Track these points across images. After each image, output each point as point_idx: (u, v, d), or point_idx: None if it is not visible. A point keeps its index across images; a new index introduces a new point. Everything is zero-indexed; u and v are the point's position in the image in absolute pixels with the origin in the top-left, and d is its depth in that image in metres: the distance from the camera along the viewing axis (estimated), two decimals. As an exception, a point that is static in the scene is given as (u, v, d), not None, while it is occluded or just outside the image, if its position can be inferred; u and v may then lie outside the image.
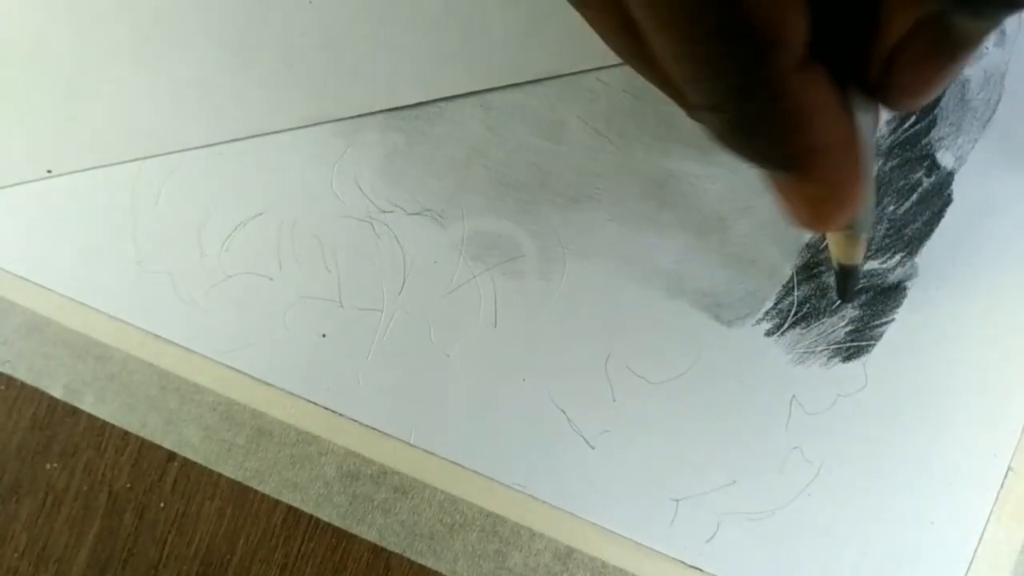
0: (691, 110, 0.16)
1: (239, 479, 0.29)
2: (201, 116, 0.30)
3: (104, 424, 0.30)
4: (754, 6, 0.13)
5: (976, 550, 0.27)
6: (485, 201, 0.29)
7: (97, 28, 0.30)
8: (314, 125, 0.30)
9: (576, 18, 0.16)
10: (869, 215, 0.23)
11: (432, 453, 0.29)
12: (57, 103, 0.31)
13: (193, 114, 0.30)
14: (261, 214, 0.30)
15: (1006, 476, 0.27)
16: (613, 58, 0.20)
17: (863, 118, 0.16)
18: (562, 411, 0.28)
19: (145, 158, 0.30)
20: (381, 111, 0.30)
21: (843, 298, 0.28)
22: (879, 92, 0.16)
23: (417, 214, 0.30)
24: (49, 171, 0.30)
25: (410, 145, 0.30)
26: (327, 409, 0.29)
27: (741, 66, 0.13)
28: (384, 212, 0.30)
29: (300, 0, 0.30)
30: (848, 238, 0.24)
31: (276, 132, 0.30)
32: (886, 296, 0.28)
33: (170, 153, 0.30)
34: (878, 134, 0.29)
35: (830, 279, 0.28)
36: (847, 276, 0.27)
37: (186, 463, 0.29)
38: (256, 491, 0.29)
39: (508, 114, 0.29)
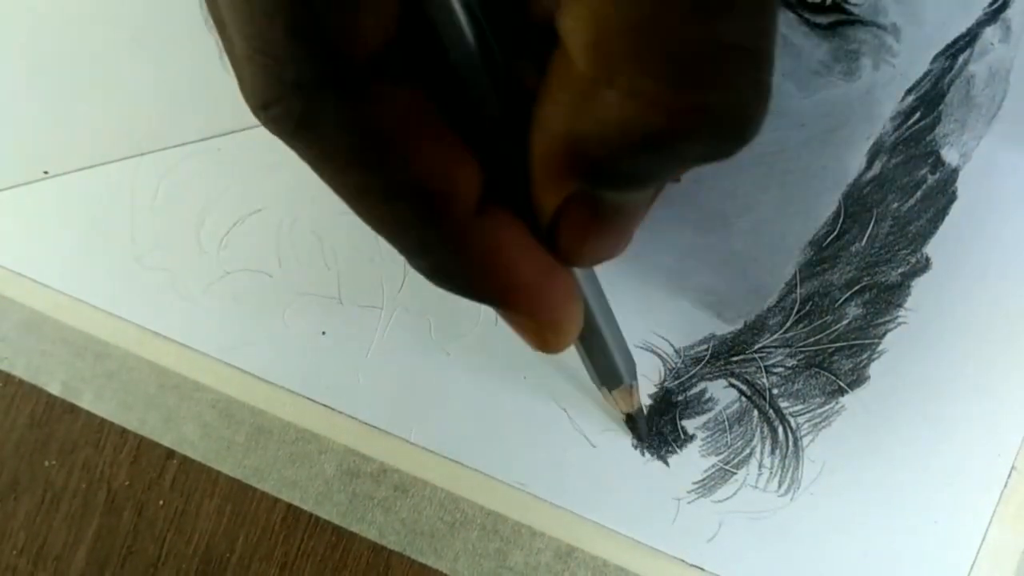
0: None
1: (238, 477, 0.29)
2: (197, 111, 0.30)
3: (103, 421, 0.29)
4: (415, 169, 0.14)
5: (979, 550, 0.27)
6: (486, 198, 0.29)
7: (90, 27, 0.30)
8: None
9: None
10: (629, 363, 0.25)
11: (432, 451, 0.29)
12: (51, 104, 0.30)
13: (189, 109, 0.30)
14: (260, 211, 0.30)
15: (1009, 476, 0.27)
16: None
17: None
18: (563, 409, 0.28)
19: (141, 155, 0.30)
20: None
21: (640, 440, 0.28)
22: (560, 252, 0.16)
23: (417, 211, 0.29)
24: (46, 172, 0.30)
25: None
26: (327, 407, 0.29)
27: (415, 222, 0.15)
28: (384, 209, 0.29)
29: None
30: (623, 392, 0.25)
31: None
32: (890, 294, 0.28)
33: (166, 148, 0.30)
34: (882, 131, 0.28)
35: (833, 277, 0.28)
36: (634, 421, 0.27)
37: (185, 461, 0.29)
38: (255, 489, 0.29)
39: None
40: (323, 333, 0.29)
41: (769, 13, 0.12)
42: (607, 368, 0.24)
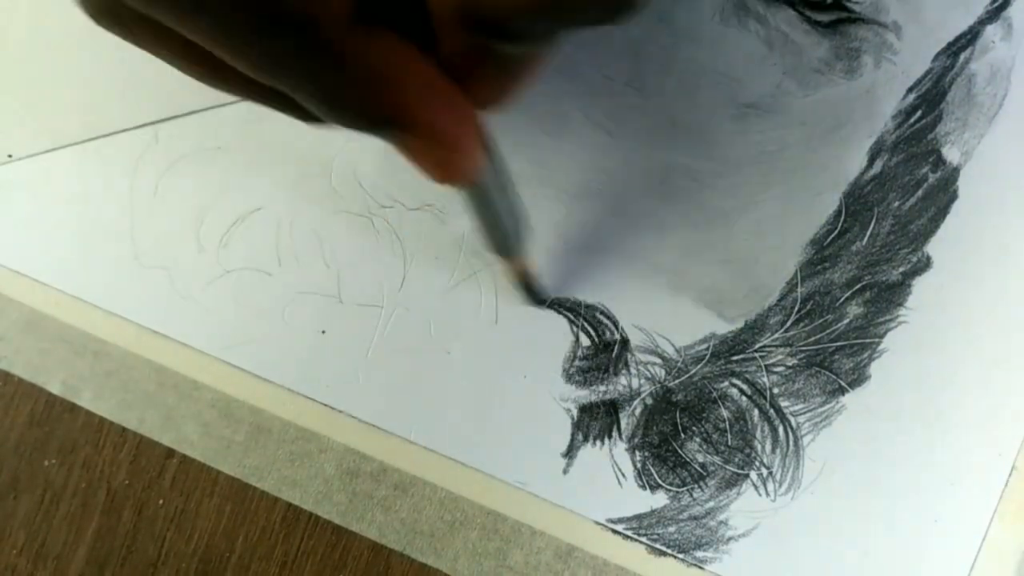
0: (293, 110, 0.16)
1: (238, 476, 0.29)
2: (163, 90, 0.30)
3: (102, 420, 0.29)
4: None
5: (979, 549, 0.27)
6: (486, 196, 0.29)
7: (53, 11, 0.30)
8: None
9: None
10: (524, 230, 0.24)
11: (432, 450, 0.28)
12: (14, 89, 0.30)
13: (157, 89, 0.30)
14: (259, 209, 0.30)
15: (1010, 475, 0.27)
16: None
17: None
18: (566, 410, 0.28)
19: (105, 136, 0.30)
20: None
21: (540, 301, 0.28)
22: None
23: (417, 209, 0.29)
24: (10, 156, 0.30)
25: (410, 140, 0.29)
26: (326, 406, 0.29)
27: (291, 47, 0.14)
28: (384, 207, 0.29)
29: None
30: (519, 257, 0.25)
31: (272, 123, 0.30)
32: (891, 293, 0.28)
33: (143, 127, 0.30)
34: (883, 129, 0.28)
35: (834, 276, 0.28)
36: (527, 285, 0.27)
37: (185, 460, 0.29)
38: (255, 488, 0.29)
39: (509, 108, 0.29)
40: (323, 332, 0.29)
41: None
42: (502, 233, 0.23)
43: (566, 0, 0.13)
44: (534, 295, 0.28)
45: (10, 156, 0.29)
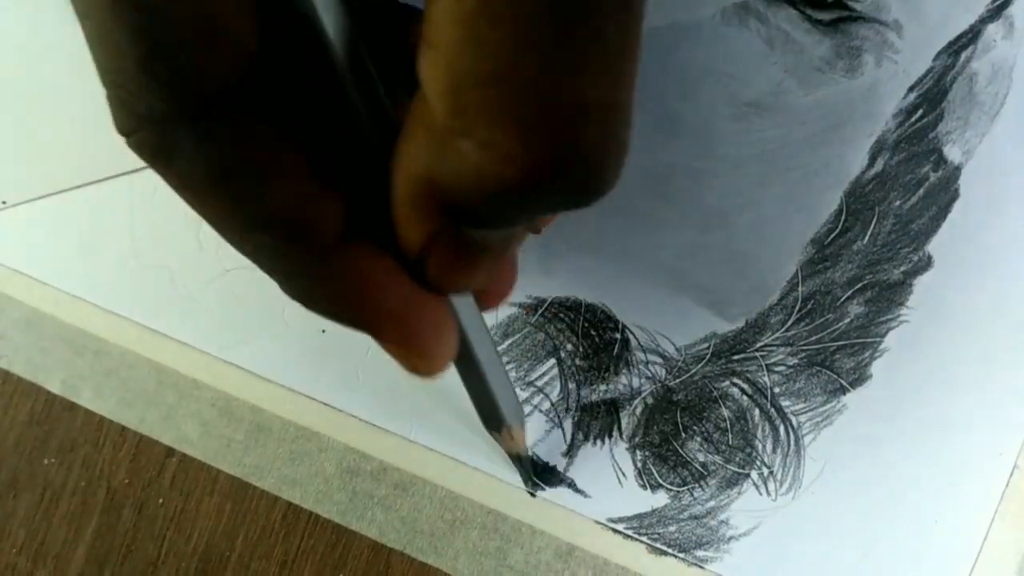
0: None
1: (238, 475, 0.29)
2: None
3: (102, 419, 0.29)
4: (272, 202, 0.14)
5: (980, 549, 0.27)
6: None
7: (44, 56, 0.30)
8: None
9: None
10: (513, 407, 0.24)
11: (432, 449, 0.28)
12: (8, 135, 0.30)
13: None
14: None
15: (1011, 475, 0.27)
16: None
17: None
18: (565, 408, 0.28)
19: (104, 179, 0.30)
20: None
21: (525, 483, 0.28)
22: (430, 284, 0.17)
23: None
24: (4, 202, 0.30)
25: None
26: (327, 405, 0.29)
27: (276, 252, 0.15)
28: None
29: None
30: (509, 435, 0.25)
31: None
32: (892, 292, 0.28)
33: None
34: (884, 128, 0.28)
35: (835, 275, 0.28)
36: (521, 463, 0.27)
37: (184, 459, 0.29)
38: (255, 487, 0.29)
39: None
40: (323, 331, 0.29)
41: (625, 71, 0.12)
42: (490, 408, 0.24)
43: (531, 186, 0.12)
44: (527, 478, 0.28)
45: (4, 203, 0.29)
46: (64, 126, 0.30)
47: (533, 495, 0.28)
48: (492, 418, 0.24)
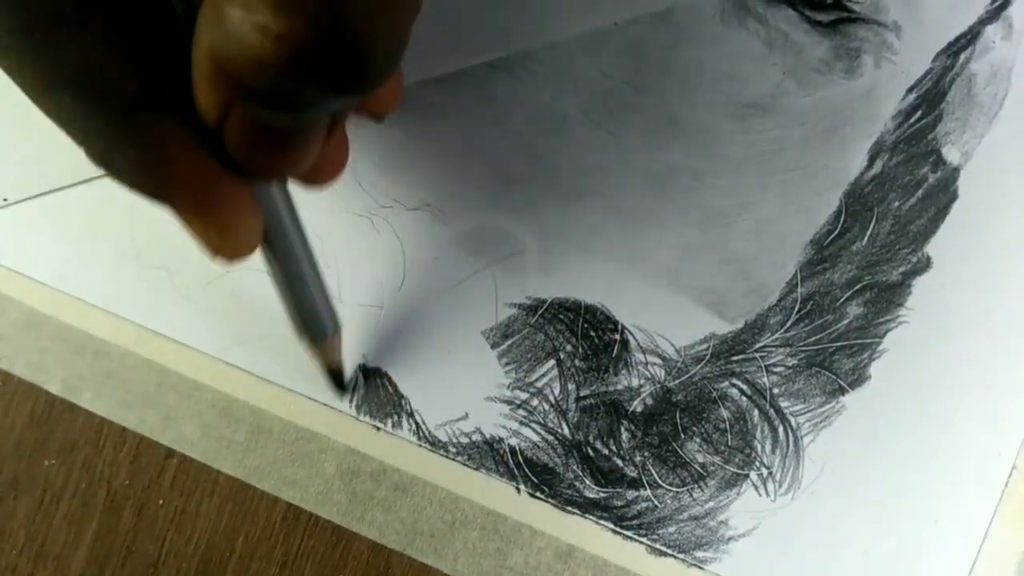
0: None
1: (238, 476, 0.29)
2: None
3: (102, 420, 0.29)
4: (72, 59, 0.15)
5: (980, 549, 0.27)
6: (486, 196, 0.29)
7: None
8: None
9: None
10: (330, 315, 0.24)
11: (434, 451, 0.28)
12: (7, 132, 0.30)
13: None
14: (260, 209, 0.30)
15: (1010, 475, 0.27)
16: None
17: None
18: (564, 408, 0.28)
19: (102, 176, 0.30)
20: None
21: (340, 392, 0.28)
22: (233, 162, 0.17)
23: (416, 209, 0.29)
24: (5, 199, 0.30)
25: (409, 140, 0.29)
26: (327, 406, 0.29)
27: (76, 112, 0.16)
28: (383, 207, 0.29)
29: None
30: (324, 346, 0.25)
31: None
32: (891, 293, 0.28)
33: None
34: (883, 129, 0.28)
35: (834, 276, 0.28)
36: (333, 374, 0.27)
37: (185, 460, 0.29)
38: (255, 488, 0.29)
39: (509, 108, 0.29)
40: (323, 332, 0.29)
41: None
42: (304, 318, 0.23)
43: (294, 64, 0.13)
44: (337, 385, 0.28)
45: (5, 200, 0.29)
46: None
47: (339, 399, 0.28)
48: (306, 328, 0.24)
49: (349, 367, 0.29)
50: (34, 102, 0.16)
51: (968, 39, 0.29)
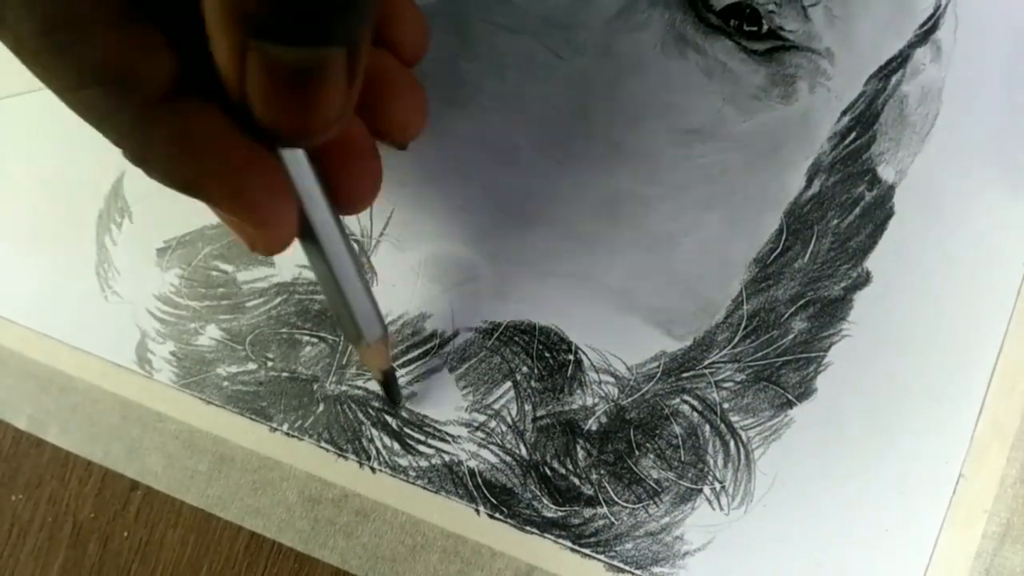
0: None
1: (202, 506, 0.29)
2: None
3: (68, 455, 0.30)
4: (99, 54, 0.15)
5: (931, 557, 0.27)
6: (441, 225, 0.30)
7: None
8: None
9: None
10: (372, 322, 0.24)
11: (394, 475, 0.29)
12: None
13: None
14: (224, 243, 0.31)
15: (958, 483, 0.28)
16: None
17: (288, 154, 0.18)
18: (523, 429, 0.29)
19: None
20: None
21: (395, 403, 0.29)
22: (261, 129, 0.17)
23: (375, 238, 0.30)
24: None
25: (366, 172, 0.30)
26: (288, 435, 0.29)
27: (106, 107, 0.16)
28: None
29: None
30: (369, 348, 0.24)
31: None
32: (833, 308, 0.29)
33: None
34: (820, 151, 0.30)
35: (778, 292, 0.29)
36: (388, 382, 0.27)
37: (149, 491, 0.29)
38: (219, 518, 0.29)
39: (462, 141, 0.30)
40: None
41: None
42: (351, 321, 0.23)
43: None
44: (391, 397, 0.28)
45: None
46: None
47: (394, 414, 0.28)
48: (354, 330, 0.23)
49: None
50: (68, 105, 0.16)
51: (899, 62, 0.30)
